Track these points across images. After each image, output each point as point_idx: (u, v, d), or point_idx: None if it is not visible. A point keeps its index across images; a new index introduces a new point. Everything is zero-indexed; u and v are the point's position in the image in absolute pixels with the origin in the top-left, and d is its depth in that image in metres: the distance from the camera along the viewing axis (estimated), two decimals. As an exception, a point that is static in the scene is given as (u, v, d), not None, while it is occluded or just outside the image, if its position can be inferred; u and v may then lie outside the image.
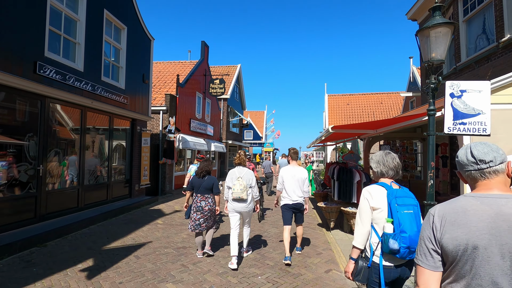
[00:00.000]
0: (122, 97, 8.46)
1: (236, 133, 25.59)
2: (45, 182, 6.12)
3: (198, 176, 4.68)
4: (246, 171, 4.45)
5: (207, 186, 4.60)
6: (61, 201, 6.59)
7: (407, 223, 1.83)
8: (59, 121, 6.60)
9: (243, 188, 4.24)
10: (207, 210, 4.53)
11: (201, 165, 4.73)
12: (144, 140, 9.85)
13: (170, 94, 12.59)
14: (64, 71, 6.27)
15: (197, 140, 14.83)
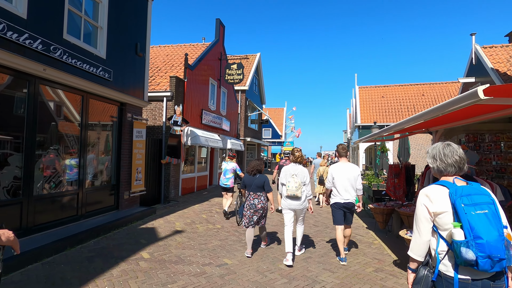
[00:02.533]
0: (101, 69, 5.98)
1: (255, 129, 22.95)
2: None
3: (249, 174, 4.87)
4: (301, 168, 4.49)
5: (258, 184, 4.74)
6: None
7: (482, 226, 1.50)
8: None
9: (298, 185, 4.29)
10: (260, 207, 4.67)
11: (253, 164, 4.90)
12: (138, 132, 7.36)
13: (176, 77, 10.09)
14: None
15: (210, 135, 12.29)
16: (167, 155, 9.66)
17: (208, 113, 12.72)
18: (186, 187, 11.06)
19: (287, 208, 4.41)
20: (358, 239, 5.82)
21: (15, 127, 4.51)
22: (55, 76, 4.86)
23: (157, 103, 10.19)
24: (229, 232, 6.17)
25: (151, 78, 11.25)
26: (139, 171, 7.44)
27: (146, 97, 7.75)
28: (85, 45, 5.59)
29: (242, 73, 13.90)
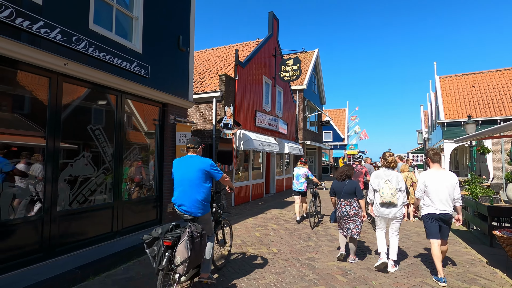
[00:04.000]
0: (136, 64, 5.23)
1: (315, 132, 21.06)
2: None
3: (338, 180, 4.81)
4: (394, 174, 4.36)
5: (349, 191, 4.64)
6: (13, 243, 3.51)
7: None
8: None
9: (394, 191, 4.18)
10: (353, 214, 4.55)
11: (342, 169, 4.82)
12: (181, 136, 6.51)
13: (226, 75, 9.16)
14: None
15: (266, 139, 11.07)
16: (217, 161, 8.73)
17: (263, 115, 11.55)
18: (239, 196, 10.00)
19: (381, 216, 4.34)
20: (482, 285, 3.80)
21: (37, 137, 3.90)
22: (80, 71, 4.18)
23: (207, 105, 9.40)
24: (287, 260, 4.75)
25: (201, 80, 10.62)
26: (184, 180, 6.54)
27: (191, 96, 6.89)
28: (116, 37, 4.89)
29: (299, 68, 12.43)
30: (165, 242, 2.90)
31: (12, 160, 3.63)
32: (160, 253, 2.91)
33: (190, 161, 3.41)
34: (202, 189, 3.32)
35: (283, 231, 6.65)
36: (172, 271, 2.94)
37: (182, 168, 3.43)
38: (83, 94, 4.59)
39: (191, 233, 2.97)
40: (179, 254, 2.86)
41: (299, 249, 5.37)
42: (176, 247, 2.90)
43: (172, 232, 3.09)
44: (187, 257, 2.85)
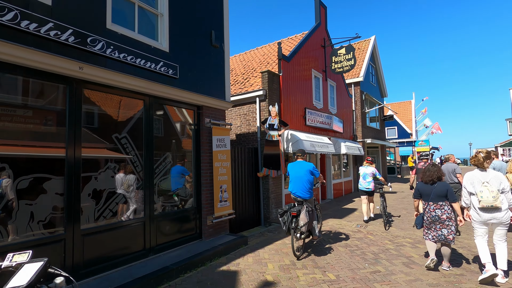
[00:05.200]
0: (163, 64, 4.75)
1: (376, 128, 18.79)
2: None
3: (425, 182, 4.43)
4: (493, 174, 3.93)
5: (440, 193, 4.27)
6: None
7: None
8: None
9: (496, 194, 3.76)
10: (445, 218, 4.20)
11: (430, 171, 4.41)
12: (219, 141, 5.88)
13: (269, 71, 8.34)
14: (7, 1, 2.97)
15: (318, 138, 9.89)
16: (264, 166, 7.93)
17: (313, 112, 10.40)
18: (290, 202, 8.99)
19: (483, 221, 3.90)
20: None
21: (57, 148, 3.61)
22: (98, 75, 3.82)
23: (250, 106, 8.71)
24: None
25: (245, 80, 10.01)
26: (224, 189, 5.90)
27: (228, 97, 6.24)
28: (139, 36, 4.47)
29: (353, 57, 10.94)
30: (292, 213, 4.96)
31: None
32: (288, 220, 4.99)
33: (300, 164, 5.36)
34: (309, 182, 5.22)
35: (342, 248, 5.47)
36: (295, 231, 4.91)
37: (295, 169, 5.35)
38: (105, 100, 4.25)
39: (306, 207, 4.96)
40: (302, 220, 4.84)
41: (364, 276, 4.18)
42: (299, 216, 4.91)
43: (294, 208, 5.03)
44: (307, 221, 4.83)
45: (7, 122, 3.30)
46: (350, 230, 6.80)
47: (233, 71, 12.04)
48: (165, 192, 5.11)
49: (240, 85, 9.84)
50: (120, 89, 4.26)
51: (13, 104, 3.35)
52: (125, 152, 4.40)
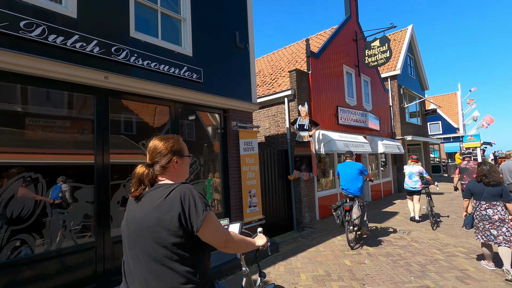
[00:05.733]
0: (186, 69, 4.71)
1: (417, 124, 17.44)
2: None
3: (477, 181, 4.30)
4: None
5: (494, 193, 4.08)
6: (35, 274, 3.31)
7: None
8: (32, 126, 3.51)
9: None
10: (496, 219, 4.03)
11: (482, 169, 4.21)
12: (246, 144, 5.71)
13: (297, 69, 8.03)
14: (26, 14, 3.09)
15: (352, 138, 9.33)
16: (295, 168, 7.63)
17: (346, 110, 9.85)
18: (325, 207, 8.57)
19: None
20: None
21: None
22: (124, 84, 3.85)
23: (279, 107, 8.46)
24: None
25: (273, 81, 9.79)
26: (253, 194, 5.71)
27: (255, 98, 6.06)
28: (162, 43, 4.47)
29: (388, 49, 10.20)
30: (345, 207, 5.50)
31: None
32: (342, 214, 5.57)
33: (349, 164, 5.89)
34: (359, 180, 5.71)
35: (383, 257, 5.00)
36: (348, 224, 5.48)
37: (345, 168, 5.89)
38: (132, 107, 4.29)
39: (358, 202, 5.48)
40: (355, 213, 5.37)
41: (410, 292, 3.72)
42: (351, 210, 5.44)
43: (347, 203, 5.57)
44: (359, 214, 5.35)
45: (43, 132, 3.43)
46: (392, 237, 6.24)
47: (261, 72, 11.88)
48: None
49: (268, 86, 9.64)
50: (145, 96, 4.28)
51: (43, 115, 3.47)
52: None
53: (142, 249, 1.30)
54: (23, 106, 3.32)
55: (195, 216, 1.29)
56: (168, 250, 1.27)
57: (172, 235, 1.27)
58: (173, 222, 1.27)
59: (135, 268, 1.32)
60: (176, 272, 1.27)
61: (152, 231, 1.28)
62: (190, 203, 1.30)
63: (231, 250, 1.46)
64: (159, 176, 1.43)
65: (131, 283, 1.34)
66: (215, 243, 1.37)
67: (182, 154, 1.51)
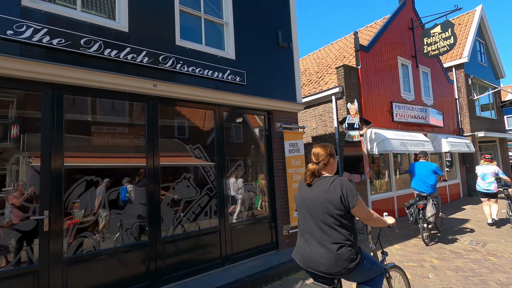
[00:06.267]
0: (229, 72, 4.74)
1: (491, 118, 15.18)
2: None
3: None
4: None
5: None
6: (90, 274, 3.57)
7: None
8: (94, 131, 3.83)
9: None
10: None
11: None
12: (291, 146, 5.54)
13: (345, 65, 7.59)
14: (85, 32, 3.40)
15: (409, 136, 8.48)
16: (344, 170, 7.20)
17: (402, 106, 8.99)
18: (380, 213, 7.89)
19: None
20: None
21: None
22: (171, 91, 4.03)
23: (326, 106, 8.09)
24: None
25: (319, 79, 9.43)
26: (300, 197, 5.51)
27: (299, 98, 5.87)
28: (206, 48, 4.57)
29: (453, 34, 9.06)
30: (419, 206, 5.55)
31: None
32: (415, 212, 5.60)
33: (423, 164, 6.03)
34: (433, 179, 5.81)
35: (451, 272, 4.37)
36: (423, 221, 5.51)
37: (418, 168, 6.01)
38: (183, 112, 4.47)
39: (432, 201, 5.57)
40: (429, 211, 5.48)
41: (488, 316, 3.16)
42: (425, 208, 5.52)
43: (420, 201, 5.62)
44: (434, 212, 5.45)
45: (105, 138, 3.76)
46: (462, 248, 5.45)
47: (307, 70, 11.55)
48: (235, 199, 5.08)
49: (314, 84, 9.30)
50: (190, 101, 4.42)
51: (105, 123, 3.80)
52: (206, 160, 4.53)
53: (317, 217, 2.03)
54: (92, 115, 3.67)
55: (351, 198, 1.97)
56: (334, 218, 1.98)
57: (336, 208, 1.96)
58: (336, 200, 1.96)
59: (310, 228, 2.06)
60: (339, 232, 1.97)
61: (323, 206, 2.00)
62: (347, 189, 1.98)
63: (371, 223, 2.19)
64: (322, 171, 2.15)
65: (307, 238, 2.09)
66: (361, 217, 2.08)
67: (334, 156, 2.21)
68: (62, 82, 3.29)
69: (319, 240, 2.00)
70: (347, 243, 1.96)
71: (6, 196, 3.63)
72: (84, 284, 3.27)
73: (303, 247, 2.09)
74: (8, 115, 3.79)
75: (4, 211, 3.55)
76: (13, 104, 3.78)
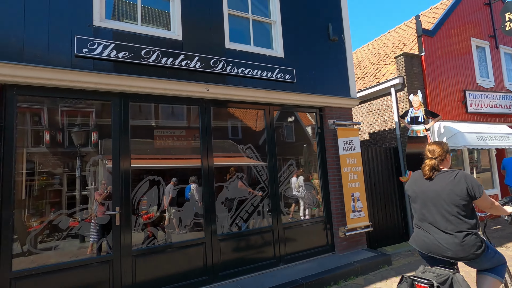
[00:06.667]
0: (278, 71, 4.69)
1: None
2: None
3: None
4: None
5: None
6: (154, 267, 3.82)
7: None
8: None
9: None
10: None
11: None
12: (346, 143, 5.24)
13: (405, 53, 6.92)
14: (145, 44, 3.72)
15: (489, 129, 7.33)
16: (408, 169, 6.54)
17: (479, 94, 7.82)
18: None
19: None
20: None
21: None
22: (221, 93, 4.16)
23: (384, 99, 7.48)
24: None
25: (375, 71, 8.78)
26: (357, 197, 5.18)
27: (354, 93, 5.53)
28: (254, 49, 4.61)
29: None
30: None
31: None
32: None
33: None
34: None
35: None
36: None
37: None
38: (236, 114, 4.60)
39: None
40: None
41: None
42: None
43: None
44: None
45: (165, 141, 4.08)
46: None
47: (361, 63, 10.87)
48: (291, 199, 5.01)
49: (370, 77, 8.69)
50: (240, 102, 4.49)
51: (166, 127, 4.10)
52: (257, 160, 4.59)
53: (441, 207, 2.20)
54: (154, 120, 4.01)
55: (477, 188, 2.14)
56: (459, 208, 2.15)
57: (462, 199, 2.14)
58: (462, 191, 2.14)
59: (434, 217, 2.23)
60: (464, 221, 2.14)
61: (449, 197, 2.17)
62: (472, 181, 2.16)
63: (493, 211, 2.35)
64: (439, 165, 2.32)
65: (428, 227, 2.28)
66: (484, 205, 2.27)
67: (449, 152, 2.40)
68: (127, 91, 3.64)
69: (443, 228, 2.17)
70: (473, 231, 2.12)
71: (89, 193, 4.18)
72: (149, 275, 3.57)
73: (425, 235, 2.29)
74: (89, 123, 4.35)
75: (88, 206, 4.10)
76: (92, 114, 4.33)
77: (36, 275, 3.04)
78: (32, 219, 3.92)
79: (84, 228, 3.50)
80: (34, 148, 4.22)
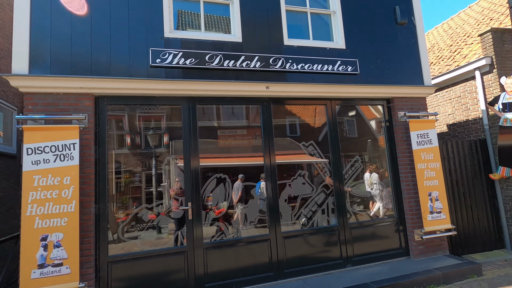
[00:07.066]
0: (340, 63, 4.46)
1: None
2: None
3: None
4: None
5: None
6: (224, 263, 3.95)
7: None
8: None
9: None
10: None
11: None
12: (420, 137, 4.71)
13: (493, 29, 5.90)
14: (209, 49, 3.93)
15: None
16: (500, 164, 5.59)
17: None
18: None
19: None
20: None
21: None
22: (282, 91, 4.15)
23: (466, 84, 6.52)
24: None
25: (452, 54, 7.71)
26: (435, 197, 4.62)
27: (428, 79, 4.95)
28: (314, 42, 4.48)
29: None
30: None
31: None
32: None
33: None
34: None
35: None
36: None
37: None
38: (293, 111, 4.56)
39: None
40: None
41: None
42: None
43: None
44: None
45: (228, 141, 4.27)
46: None
47: (434, 46, 9.67)
48: (358, 198, 4.74)
49: (447, 61, 7.67)
50: (301, 98, 4.42)
51: (228, 127, 4.29)
52: (320, 157, 4.49)
53: None
54: (217, 121, 4.25)
55: None
56: None
57: None
58: None
59: None
60: None
61: None
62: None
63: None
64: None
65: None
66: None
67: None
68: (194, 95, 3.90)
69: None
70: None
71: (164, 189, 4.62)
72: (219, 266, 3.78)
73: None
74: (161, 127, 4.81)
75: (163, 202, 4.54)
76: (163, 118, 4.78)
77: (125, 260, 3.48)
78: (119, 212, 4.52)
79: (162, 221, 3.89)
80: (119, 150, 4.85)
